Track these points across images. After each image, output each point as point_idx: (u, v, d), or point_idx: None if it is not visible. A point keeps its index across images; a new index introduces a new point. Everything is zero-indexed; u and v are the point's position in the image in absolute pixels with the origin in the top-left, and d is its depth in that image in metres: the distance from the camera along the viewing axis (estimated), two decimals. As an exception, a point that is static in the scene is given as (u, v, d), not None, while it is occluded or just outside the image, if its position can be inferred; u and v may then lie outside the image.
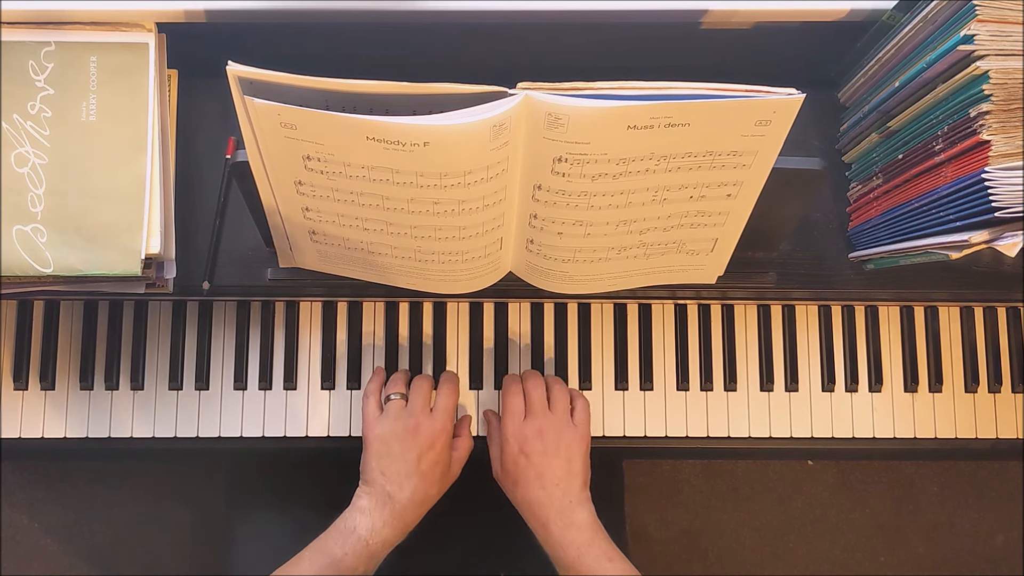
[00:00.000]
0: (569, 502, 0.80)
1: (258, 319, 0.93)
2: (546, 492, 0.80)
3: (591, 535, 0.79)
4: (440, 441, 0.82)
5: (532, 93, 0.62)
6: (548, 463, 0.81)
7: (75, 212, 0.79)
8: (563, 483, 0.80)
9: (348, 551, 0.77)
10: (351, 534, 0.78)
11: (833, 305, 0.97)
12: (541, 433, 0.82)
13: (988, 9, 0.69)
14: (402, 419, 0.82)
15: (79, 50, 0.81)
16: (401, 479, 0.80)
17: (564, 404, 0.85)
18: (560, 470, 0.81)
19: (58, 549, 1.47)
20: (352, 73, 0.63)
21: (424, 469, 0.81)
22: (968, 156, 0.73)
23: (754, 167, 0.71)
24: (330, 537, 0.79)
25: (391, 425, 0.82)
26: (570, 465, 0.81)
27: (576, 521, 0.79)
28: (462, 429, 0.88)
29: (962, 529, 1.56)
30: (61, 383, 0.92)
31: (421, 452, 0.81)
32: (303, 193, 0.73)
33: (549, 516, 0.80)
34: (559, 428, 0.83)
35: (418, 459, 0.80)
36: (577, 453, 0.82)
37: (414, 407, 0.83)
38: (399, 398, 0.84)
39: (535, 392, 0.85)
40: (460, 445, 0.86)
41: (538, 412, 0.83)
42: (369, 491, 0.81)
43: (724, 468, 1.55)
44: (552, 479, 0.80)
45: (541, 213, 0.75)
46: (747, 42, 0.88)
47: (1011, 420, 0.96)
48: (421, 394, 0.84)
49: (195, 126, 0.90)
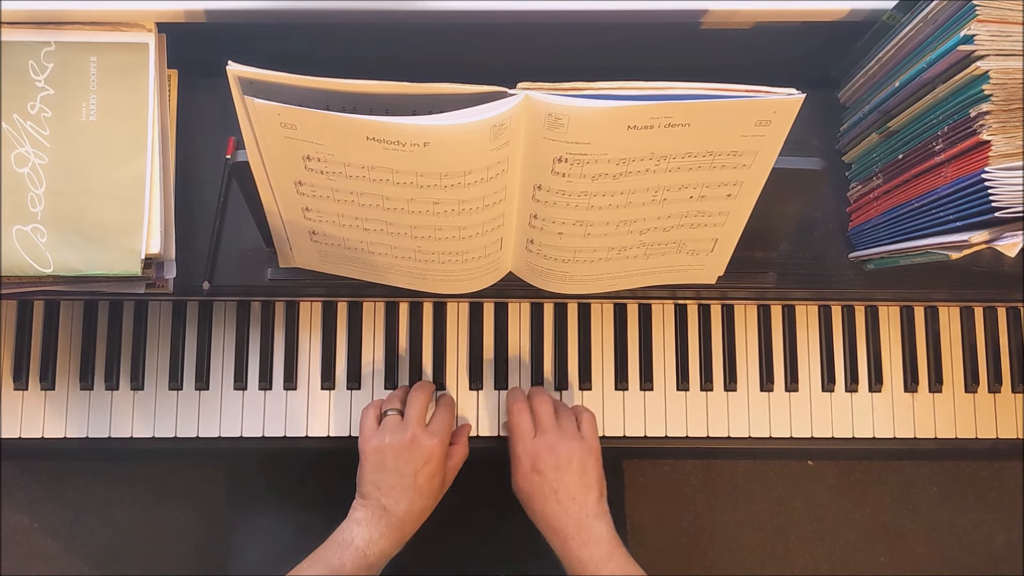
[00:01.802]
0: (587, 516, 0.80)
1: (258, 319, 0.93)
2: (562, 507, 0.80)
3: (610, 550, 0.79)
4: (436, 455, 0.82)
5: (532, 93, 0.62)
6: (562, 478, 0.81)
7: (75, 212, 0.79)
8: (579, 496, 0.81)
9: (346, 562, 0.77)
10: (348, 545, 0.78)
11: (833, 305, 0.97)
12: (553, 448, 0.82)
13: (988, 9, 0.69)
14: (398, 433, 0.82)
15: (79, 50, 0.81)
16: (397, 493, 0.80)
17: (571, 418, 0.86)
18: (574, 484, 0.81)
19: (58, 549, 1.47)
20: (352, 73, 0.63)
21: (421, 483, 0.81)
22: (968, 156, 0.73)
23: (754, 167, 0.71)
24: (328, 548, 0.79)
25: (387, 439, 0.82)
26: (584, 478, 0.81)
27: (595, 536, 0.79)
28: (459, 438, 0.88)
29: (962, 529, 1.56)
30: (61, 383, 0.92)
31: (417, 467, 0.81)
32: (303, 193, 0.73)
33: (568, 531, 0.80)
34: (570, 442, 0.83)
35: (414, 473, 0.81)
36: (590, 466, 0.82)
37: (410, 420, 0.83)
38: (395, 413, 0.85)
39: (543, 408, 0.85)
40: (455, 453, 0.86)
41: (548, 428, 0.84)
42: (365, 504, 0.81)
43: (724, 468, 1.55)
44: (567, 493, 0.81)
45: (541, 213, 0.75)
46: (747, 42, 0.88)
47: (1011, 420, 0.96)
48: (418, 406, 0.84)
49: (195, 126, 0.90)
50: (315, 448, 0.93)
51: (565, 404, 0.89)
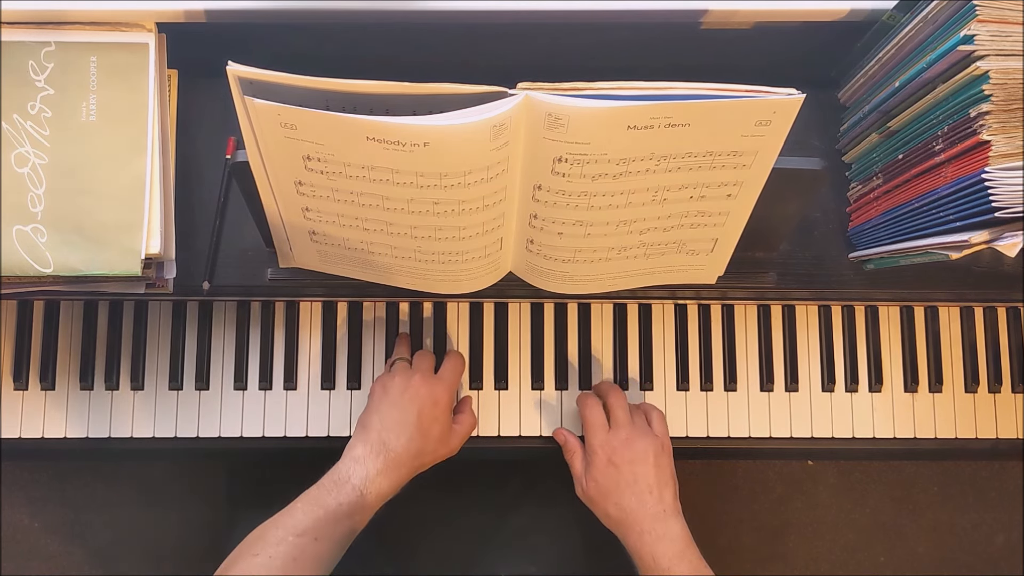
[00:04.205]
0: (663, 511, 0.80)
1: (258, 319, 0.93)
2: (639, 499, 0.81)
3: (683, 547, 0.79)
4: (443, 400, 0.83)
5: (532, 93, 0.62)
6: (638, 471, 0.81)
7: (75, 212, 0.79)
8: (656, 490, 0.81)
9: (342, 500, 0.77)
10: (345, 483, 0.78)
11: (833, 305, 0.97)
12: (629, 442, 0.83)
13: (988, 9, 0.69)
14: (406, 374, 0.84)
15: (79, 50, 0.81)
16: (398, 428, 0.80)
17: (641, 415, 0.87)
18: (652, 477, 0.81)
19: (58, 549, 1.47)
20: (352, 73, 0.63)
21: (424, 424, 0.81)
22: (968, 156, 0.73)
23: (754, 167, 0.71)
24: (323, 487, 0.78)
25: (395, 379, 0.83)
26: (659, 473, 0.82)
27: (670, 533, 0.80)
28: (464, 406, 0.89)
29: (962, 529, 1.56)
30: (61, 383, 0.92)
31: (422, 407, 0.81)
32: (303, 193, 0.73)
33: (643, 525, 0.80)
34: (644, 437, 0.84)
35: (418, 413, 0.81)
36: (664, 462, 0.83)
37: (419, 367, 0.85)
38: (403, 361, 0.87)
39: (619, 403, 0.86)
40: (463, 420, 0.87)
41: (623, 423, 0.84)
42: (365, 439, 0.81)
43: (724, 468, 1.54)
44: (645, 486, 0.81)
45: (541, 213, 0.75)
46: (747, 42, 0.88)
47: (1011, 420, 0.96)
48: (426, 359, 0.86)
49: (195, 126, 0.90)
50: (315, 448, 0.93)
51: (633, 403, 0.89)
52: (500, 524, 1.01)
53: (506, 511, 0.83)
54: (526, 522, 0.82)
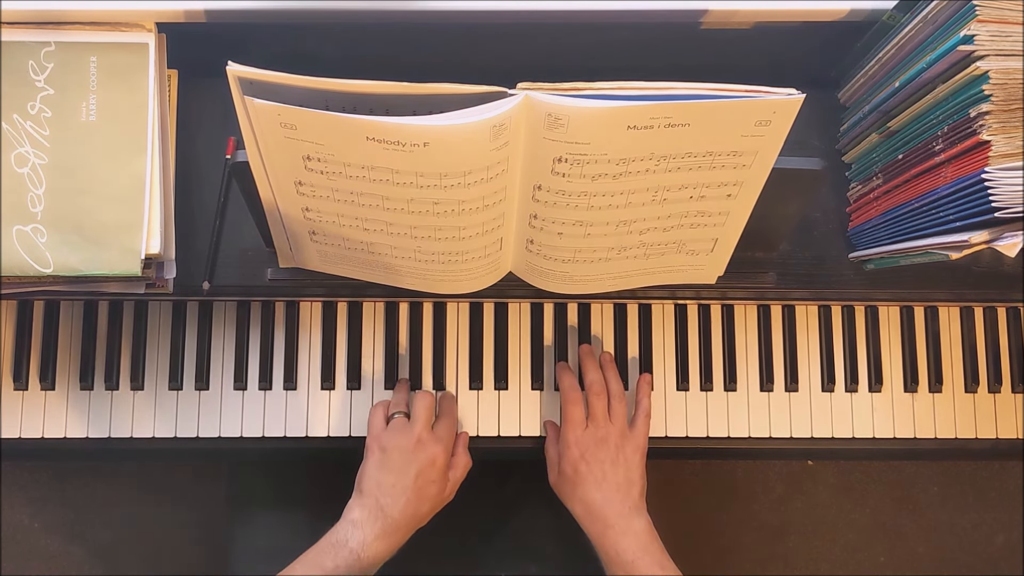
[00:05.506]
0: (628, 508, 0.83)
1: (258, 319, 0.93)
2: (605, 496, 0.83)
3: (647, 542, 0.82)
4: (440, 460, 0.83)
5: (532, 93, 0.62)
6: (607, 469, 0.84)
7: (75, 212, 0.79)
8: (623, 489, 0.83)
9: (339, 564, 0.77)
10: (342, 547, 0.78)
11: (833, 305, 0.97)
12: (603, 442, 0.85)
13: (988, 9, 0.69)
14: (405, 434, 0.83)
15: (79, 50, 0.81)
16: (396, 492, 0.80)
17: (623, 413, 0.88)
18: (620, 477, 0.84)
19: (58, 549, 1.47)
20: (352, 73, 0.63)
21: (420, 486, 0.81)
22: (968, 156, 0.73)
23: (754, 167, 0.71)
24: (321, 550, 0.79)
25: (395, 438, 0.83)
26: (629, 473, 0.84)
27: (634, 528, 0.82)
28: (459, 447, 0.88)
29: (962, 529, 1.56)
30: (61, 383, 0.92)
31: (420, 469, 0.81)
32: (303, 193, 0.73)
33: (608, 519, 0.82)
34: (619, 437, 0.86)
35: (416, 475, 0.81)
36: (635, 462, 0.85)
37: (417, 422, 0.84)
38: (402, 415, 0.86)
39: (598, 402, 0.87)
40: (458, 464, 0.86)
41: (600, 422, 0.86)
42: (363, 503, 0.81)
43: (724, 468, 1.55)
44: (612, 484, 0.83)
45: (541, 213, 0.75)
46: (747, 42, 0.88)
47: (1011, 420, 0.96)
48: (425, 411, 0.85)
49: (195, 126, 0.90)
50: (315, 448, 0.93)
51: (621, 389, 0.90)
52: (500, 524, 1.01)
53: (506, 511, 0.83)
54: (526, 522, 0.82)
